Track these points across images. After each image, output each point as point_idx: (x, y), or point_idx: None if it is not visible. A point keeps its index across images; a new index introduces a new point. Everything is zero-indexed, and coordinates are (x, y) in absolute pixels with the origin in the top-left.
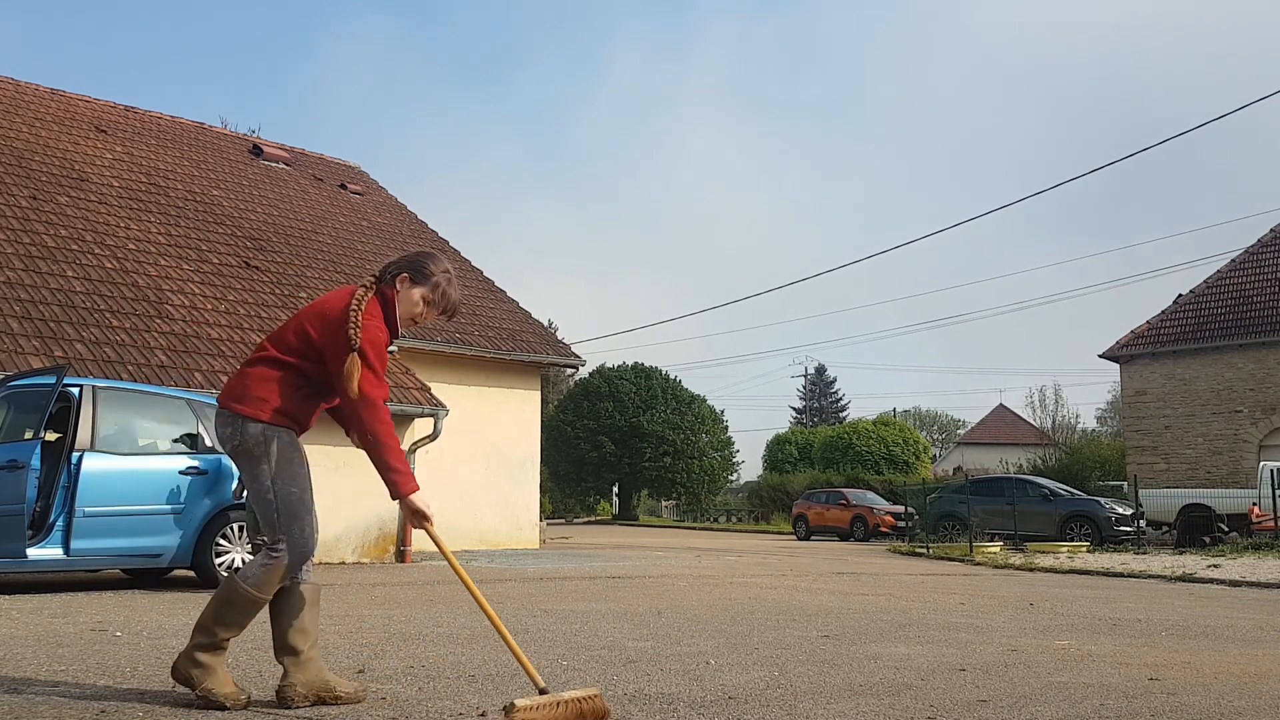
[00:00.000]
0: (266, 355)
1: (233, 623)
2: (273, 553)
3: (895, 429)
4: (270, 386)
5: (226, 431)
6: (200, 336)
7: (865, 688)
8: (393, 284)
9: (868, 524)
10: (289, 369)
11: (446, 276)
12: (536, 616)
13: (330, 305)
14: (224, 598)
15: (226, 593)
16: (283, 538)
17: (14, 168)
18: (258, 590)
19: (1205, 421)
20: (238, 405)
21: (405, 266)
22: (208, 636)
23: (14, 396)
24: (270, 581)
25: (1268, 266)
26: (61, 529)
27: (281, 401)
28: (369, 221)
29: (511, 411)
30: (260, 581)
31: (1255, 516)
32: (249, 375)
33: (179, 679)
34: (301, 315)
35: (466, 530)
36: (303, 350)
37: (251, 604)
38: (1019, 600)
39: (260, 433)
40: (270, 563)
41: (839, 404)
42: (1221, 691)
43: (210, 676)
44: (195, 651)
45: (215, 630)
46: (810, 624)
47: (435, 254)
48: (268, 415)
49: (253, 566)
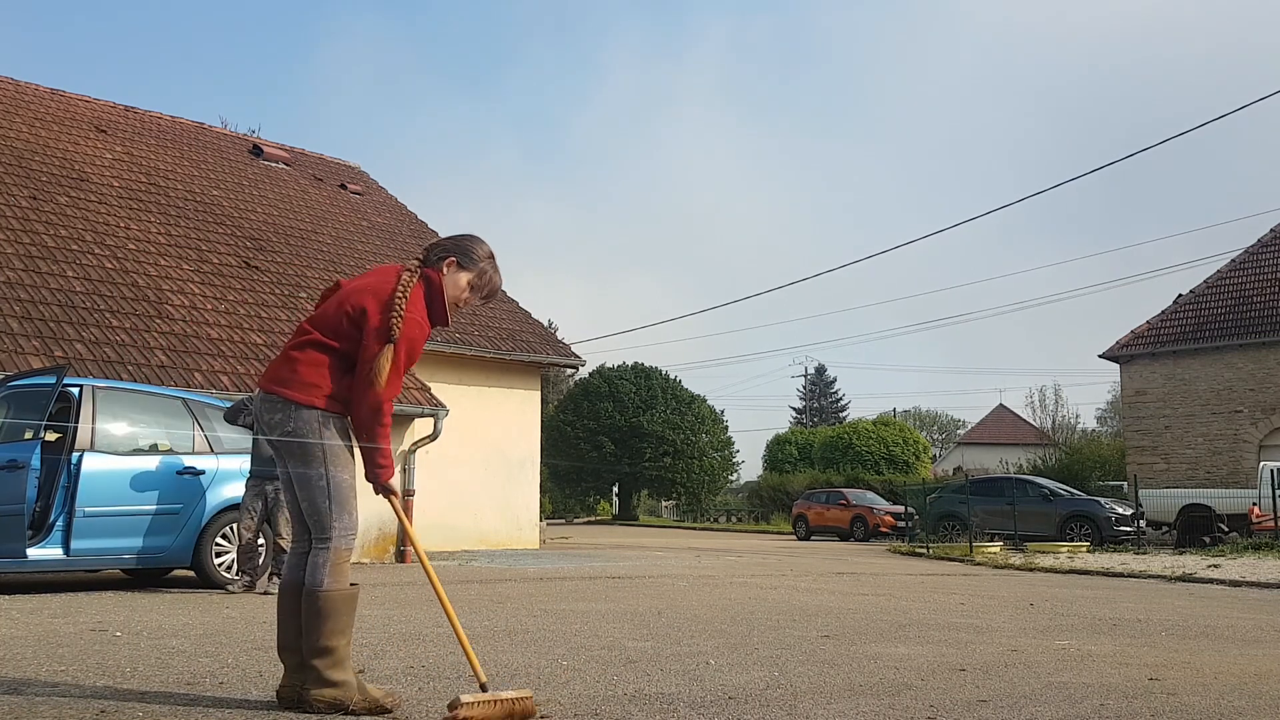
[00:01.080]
0: (313, 339)
1: (343, 627)
2: (324, 544)
3: (895, 429)
4: (321, 371)
5: (276, 418)
6: (200, 336)
7: (865, 688)
8: (438, 267)
9: (868, 524)
10: (336, 353)
11: (491, 261)
12: (536, 616)
13: (381, 285)
14: (320, 613)
15: (320, 607)
16: (335, 526)
17: (14, 168)
18: (341, 584)
19: (1205, 421)
20: (288, 390)
21: (452, 250)
22: (328, 655)
23: (14, 396)
24: (343, 570)
25: (1268, 266)
26: (61, 529)
27: (333, 386)
28: (369, 221)
29: (511, 411)
30: (336, 576)
31: (1255, 516)
32: (297, 360)
33: (321, 709)
34: (346, 295)
35: (466, 530)
36: (350, 333)
37: (348, 600)
38: (1019, 600)
39: (315, 419)
40: (327, 554)
41: (839, 404)
42: (1221, 691)
43: (354, 689)
44: (325, 673)
45: (333, 644)
46: (810, 624)
47: (478, 237)
48: (322, 401)
49: (317, 571)
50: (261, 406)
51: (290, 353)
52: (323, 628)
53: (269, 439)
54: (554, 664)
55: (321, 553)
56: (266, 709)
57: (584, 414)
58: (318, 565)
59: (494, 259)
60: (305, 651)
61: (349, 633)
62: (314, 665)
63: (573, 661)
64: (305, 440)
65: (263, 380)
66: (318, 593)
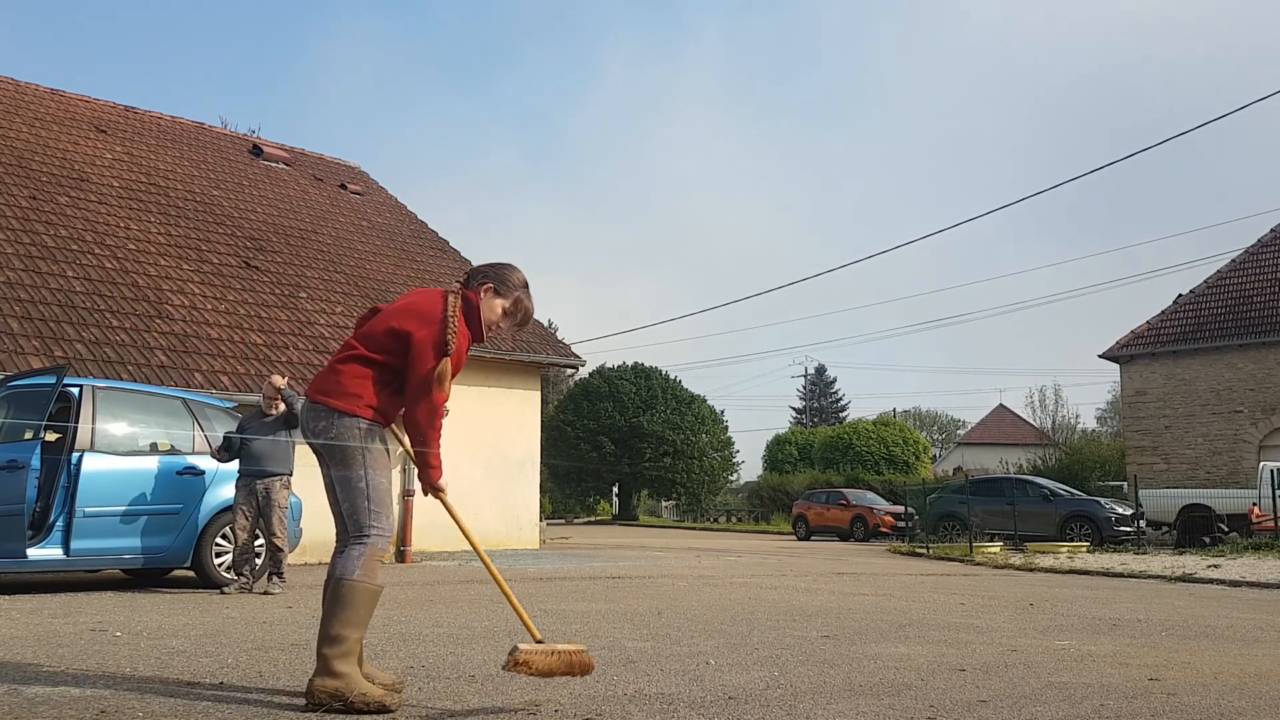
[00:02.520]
0: (358, 354)
1: (359, 620)
2: (361, 540)
3: (895, 429)
4: (365, 384)
5: (319, 425)
6: (200, 336)
7: (865, 688)
8: (477, 291)
9: (868, 524)
10: (380, 367)
11: (525, 290)
12: (536, 616)
13: (428, 307)
14: (342, 601)
15: (343, 595)
16: (373, 525)
17: (14, 168)
18: (369, 579)
19: (1205, 421)
20: (333, 400)
21: (491, 277)
22: (339, 645)
23: (14, 396)
24: (374, 568)
25: (1268, 266)
26: (61, 529)
27: (376, 398)
28: (369, 221)
29: (511, 411)
30: (367, 570)
31: (1255, 516)
32: (342, 372)
33: (319, 702)
34: (391, 315)
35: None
36: (397, 349)
37: (371, 596)
38: (1019, 600)
39: (356, 427)
40: (364, 548)
41: (839, 404)
42: (1221, 692)
43: (356, 684)
44: (332, 663)
45: (345, 634)
46: (810, 624)
47: (514, 266)
48: (364, 411)
49: (350, 561)
50: (307, 415)
51: (335, 366)
52: (339, 615)
53: (312, 443)
54: None
55: (357, 547)
56: (266, 709)
57: (584, 414)
58: (351, 557)
59: (528, 288)
60: (319, 638)
61: (363, 629)
62: (323, 654)
63: None
64: (347, 447)
65: (309, 391)
66: (344, 580)
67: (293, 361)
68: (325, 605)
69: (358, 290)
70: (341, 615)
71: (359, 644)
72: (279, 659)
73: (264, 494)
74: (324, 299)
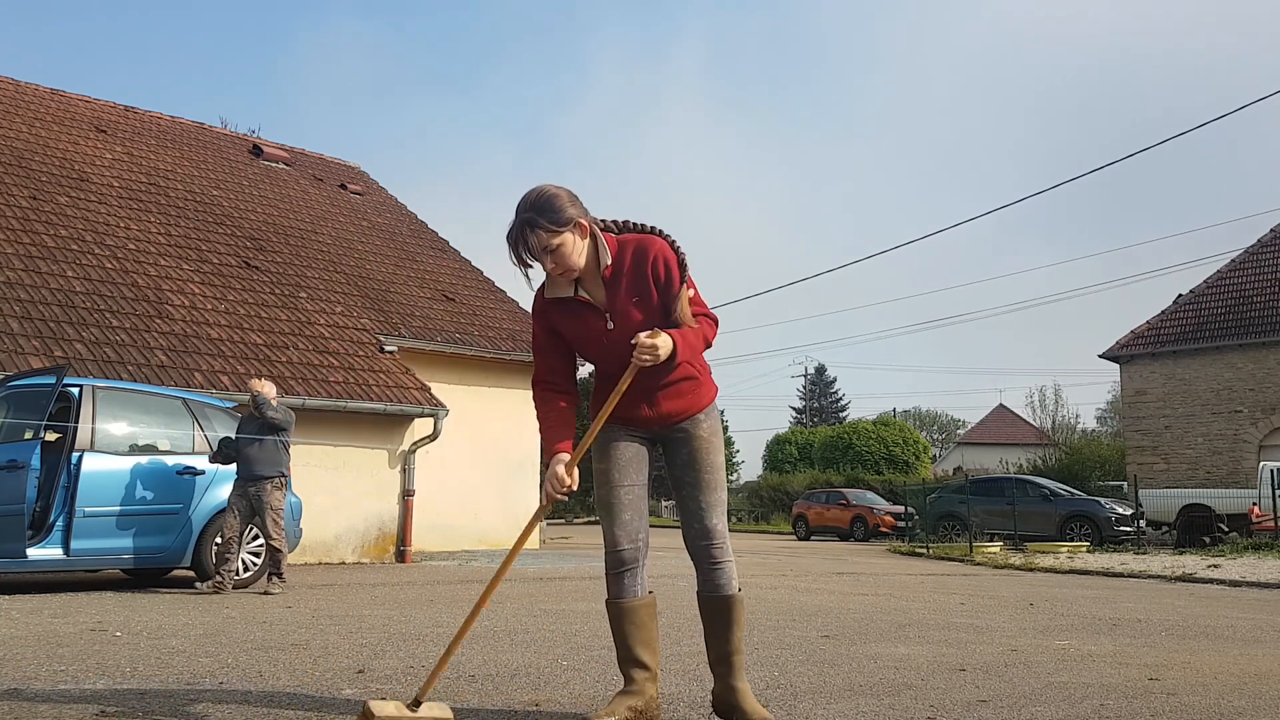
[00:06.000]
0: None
1: (619, 638)
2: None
3: (895, 429)
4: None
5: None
6: (200, 336)
7: (865, 688)
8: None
9: (868, 524)
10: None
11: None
12: (536, 616)
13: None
14: (742, 612)
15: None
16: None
17: (14, 167)
18: (609, 594)
19: (1205, 421)
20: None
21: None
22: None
23: (14, 396)
24: (608, 581)
25: (1268, 266)
26: (61, 529)
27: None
28: (369, 221)
29: (511, 411)
30: (607, 585)
31: (1255, 516)
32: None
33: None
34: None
35: (466, 530)
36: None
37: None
38: (1019, 600)
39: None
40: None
41: (839, 404)
42: (1221, 692)
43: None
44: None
45: (618, 651)
46: (810, 624)
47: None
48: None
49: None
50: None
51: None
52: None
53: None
54: (554, 664)
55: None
56: (266, 708)
57: (584, 414)
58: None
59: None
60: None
61: (622, 646)
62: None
63: (573, 661)
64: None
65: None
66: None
67: (292, 361)
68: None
69: (358, 290)
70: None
71: (623, 662)
72: (279, 659)
73: (256, 497)
74: (324, 299)
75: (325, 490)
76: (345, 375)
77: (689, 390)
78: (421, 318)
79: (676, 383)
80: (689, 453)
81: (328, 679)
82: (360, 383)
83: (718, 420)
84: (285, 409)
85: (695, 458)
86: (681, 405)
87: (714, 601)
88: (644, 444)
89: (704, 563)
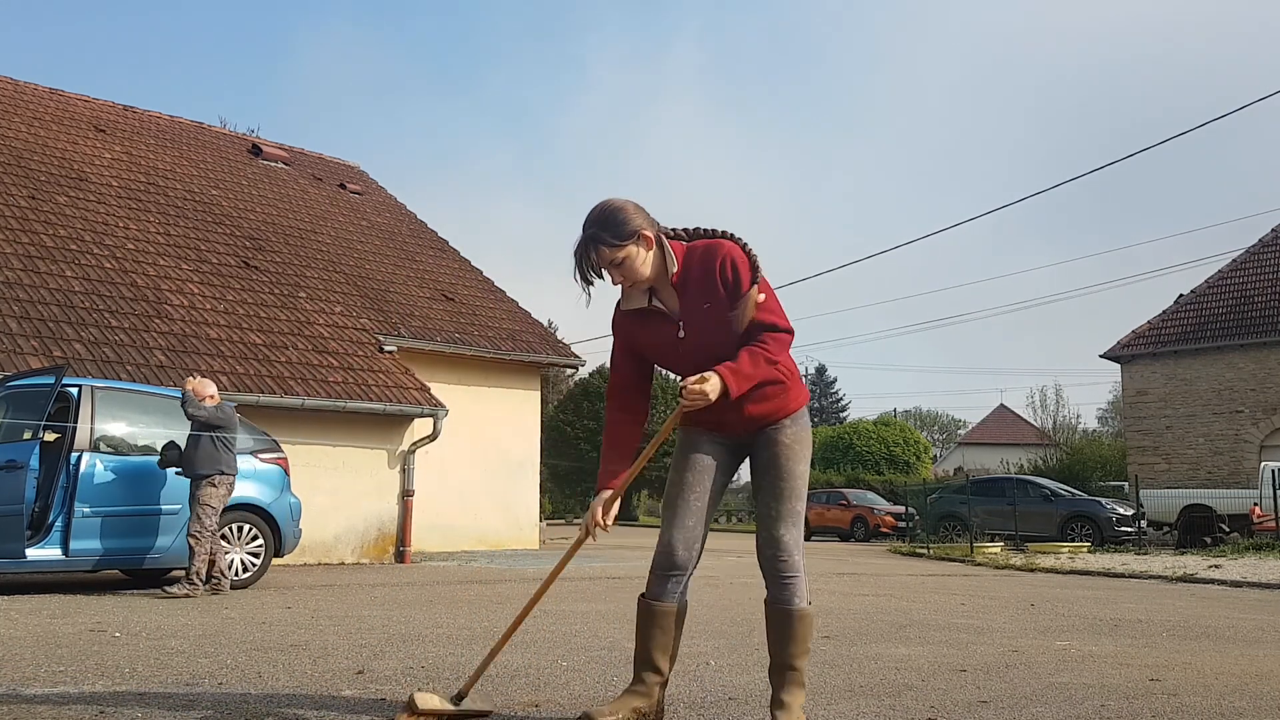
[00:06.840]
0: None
1: (641, 638)
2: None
3: (895, 429)
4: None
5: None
6: (199, 336)
7: (865, 688)
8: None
9: (868, 524)
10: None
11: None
12: (536, 617)
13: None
14: (805, 627)
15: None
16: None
17: (13, 167)
18: (645, 592)
19: (1206, 422)
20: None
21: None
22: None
23: (13, 396)
24: (648, 580)
25: (1268, 266)
26: (60, 529)
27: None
28: (369, 221)
29: (511, 411)
30: (646, 584)
31: (1256, 517)
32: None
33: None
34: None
35: (466, 530)
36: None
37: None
38: (1020, 601)
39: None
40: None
41: (839, 404)
42: (1222, 692)
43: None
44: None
45: (635, 650)
46: None
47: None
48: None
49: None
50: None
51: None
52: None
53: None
54: (554, 664)
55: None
56: (266, 709)
57: (584, 414)
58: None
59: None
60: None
61: (643, 648)
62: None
63: (573, 662)
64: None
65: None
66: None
67: (292, 361)
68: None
69: (357, 290)
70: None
71: (639, 663)
72: (278, 659)
73: (193, 495)
74: (323, 299)
75: (324, 490)
76: (344, 375)
77: (775, 394)
78: (421, 318)
79: (761, 386)
80: (769, 457)
81: (327, 680)
82: (359, 383)
83: (806, 428)
84: (221, 407)
85: (775, 463)
86: (767, 409)
87: (776, 614)
88: (727, 454)
89: (770, 575)
